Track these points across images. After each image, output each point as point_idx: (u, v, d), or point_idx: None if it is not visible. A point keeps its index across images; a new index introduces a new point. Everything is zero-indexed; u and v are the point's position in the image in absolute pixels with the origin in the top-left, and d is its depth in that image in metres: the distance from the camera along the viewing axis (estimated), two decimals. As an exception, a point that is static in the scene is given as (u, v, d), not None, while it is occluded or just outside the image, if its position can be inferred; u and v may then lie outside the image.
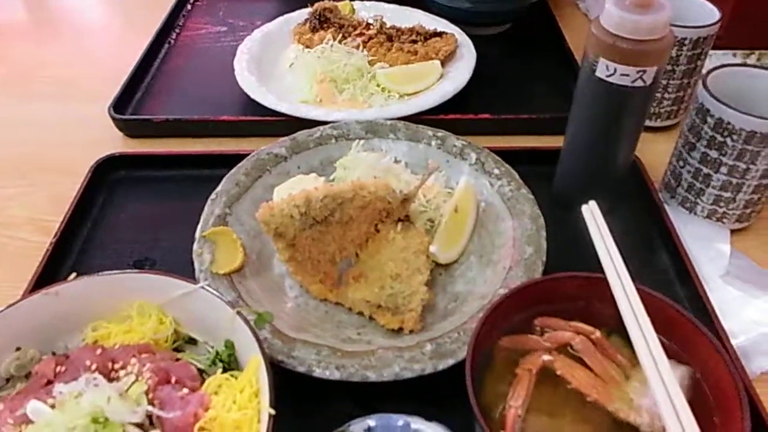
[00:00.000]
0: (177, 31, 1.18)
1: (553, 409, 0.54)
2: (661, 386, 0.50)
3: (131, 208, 0.83)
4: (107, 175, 0.86)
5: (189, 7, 1.27)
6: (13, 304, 0.53)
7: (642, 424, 0.52)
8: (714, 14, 0.85)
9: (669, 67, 0.87)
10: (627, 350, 0.55)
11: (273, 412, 0.45)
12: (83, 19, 1.36)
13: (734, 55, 1.07)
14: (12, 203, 0.85)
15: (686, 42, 0.84)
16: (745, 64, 0.82)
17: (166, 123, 0.93)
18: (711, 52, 1.02)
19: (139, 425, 0.46)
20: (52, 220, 0.80)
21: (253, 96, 0.93)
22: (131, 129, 0.94)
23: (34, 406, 0.45)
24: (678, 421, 0.48)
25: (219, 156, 0.86)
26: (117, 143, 0.94)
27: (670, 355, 0.52)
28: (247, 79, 0.96)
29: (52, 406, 0.46)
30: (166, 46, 1.14)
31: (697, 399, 0.52)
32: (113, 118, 0.93)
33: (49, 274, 0.71)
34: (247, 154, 0.80)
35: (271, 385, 0.47)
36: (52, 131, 0.98)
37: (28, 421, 0.45)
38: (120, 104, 0.96)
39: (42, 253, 0.74)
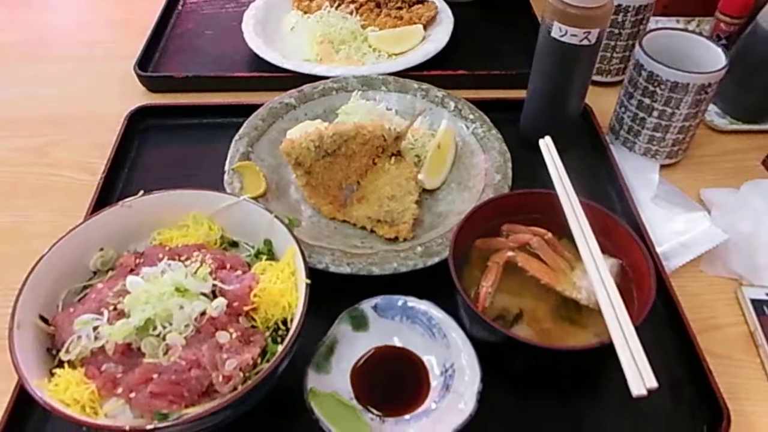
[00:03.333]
0: (183, -2, 1.31)
1: (515, 290, 0.70)
2: (596, 272, 0.66)
3: (162, 151, 0.97)
4: (139, 124, 1.00)
5: (192, -25, 1.39)
6: (97, 213, 0.68)
7: (581, 298, 0.68)
8: (654, -14, 1.01)
9: (616, 31, 1.03)
10: (572, 249, 0.71)
11: (308, 281, 0.61)
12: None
13: (678, 21, 1.23)
14: (56, 148, 0.98)
15: (630, 9, 0.99)
16: (677, 29, 0.98)
17: (186, 79, 1.06)
18: (657, 18, 1.19)
19: (207, 295, 0.61)
20: (94, 162, 0.94)
21: (262, 55, 1.07)
22: (155, 84, 1.07)
23: (131, 279, 0.60)
24: (606, 294, 0.64)
25: (235, 106, 1.00)
26: (139, 97, 1.07)
27: (604, 251, 0.68)
28: (255, 41, 1.09)
29: (141, 284, 0.61)
30: (176, 12, 1.26)
31: (623, 281, 0.69)
32: (139, 75, 1.07)
33: (102, 203, 0.85)
34: (259, 106, 0.93)
35: (305, 265, 0.62)
36: (79, 88, 1.11)
37: (125, 294, 0.60)
38: (142, 63, 1.09)
39: (88, 188, 0.88)
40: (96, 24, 1.30)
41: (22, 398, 0.65)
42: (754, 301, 0.76)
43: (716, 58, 0.87)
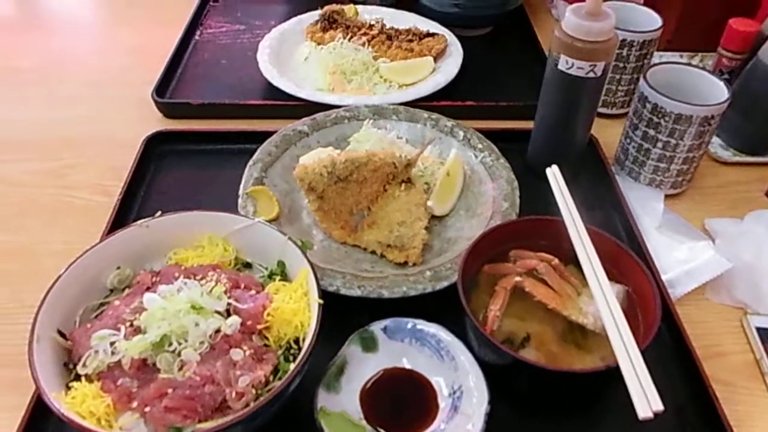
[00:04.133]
0: (201, 28, 1.35)
1: (523, 314, 0.71)
2: (602, 297, 0.68)
3: (178, 175, 0.99)
4: (156, 148, 1.02)
5: (207, 8, 1.43)
6: (116, 232, 0.70)
7: (588, 323, 0.69)
8: (657, 21, 1.04)
9: (621, 65, 1.05)
10: (579, 275, 0.73)
11: (321, 302, 0.62)
12: (107, 17, 1.51)
13: (681, 56, 1.26)
14: (74, 170, 1.00)
15: (634, 44, 1.02)
16: (679, 63, 1.01)
17: (202, 106, 1.09)
18: (662, 53, 1.22)
19: (221, 314, 0.63)
20: (111, 184, 0.96)
21: (276, 84, 1.09)
22: (172, 111, 1.10)
23: (148, 297, 0.61)
24: (613, 319, 0.65)
25: (249, 133, 1.02)
26: (156, 123, 1.09)
27: (610, 277, 0.69)
28: (269, 70, 1.13)
29: (157, 302, 0.63)
30: (193, 41, 1.30)
31: (629, 307, 0.69)
32: (156, 101, 1.10)
33: (118, 224, 0.87)
34: (272, 133, 0.96)
35: (318, 285, 0.64)
36: (97, 113, 1.13)
37: (141, 311, 0.62)
38: (160, 90, 1.12)
39: (104, 210, 0.89)
40: (115, 51, 1.34)
41: (37, 413, 0.66)
42: (759, 330, 0.77)
43: (719, 91, 0.89)
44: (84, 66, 1.28)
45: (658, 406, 0.56)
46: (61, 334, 0.63)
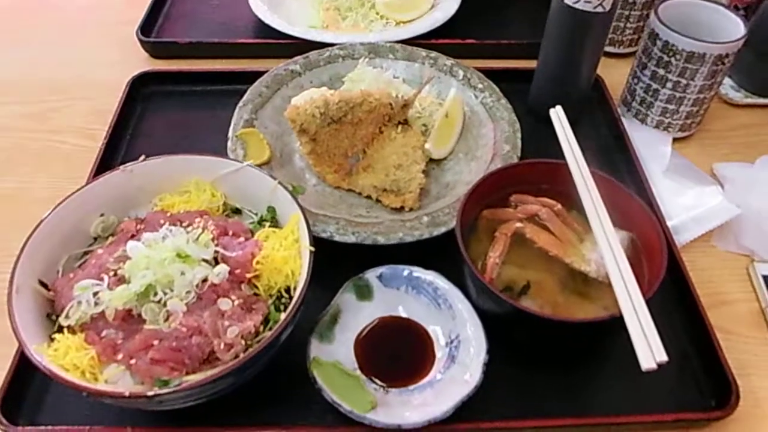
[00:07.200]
0: (187, -36, 1.28)
1: (523, 262, 0.69)
2: (606, 245, 0.65)
3: (165, 118, 0.96)
4: (142, 90, 0.98)
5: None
6: (98, 177, 0.67)
7: (590, 271, 0.67)
8: (670, -47, 0.98)
9: (630, 0, 1.00)
10: (582, 221, 0.70)
11: (312, 249, 0.59)
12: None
13: (693, -9, 1.21)
14: (58, 114, 0.97)
15: (645, -22, 0.97)
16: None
17: (190, 45, 1.05)
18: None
19: (208, 262, 0.60)
20: (96, 128, 0.92)
21: (267, 21, 1.04)
22: (158, 50, 1.06)
23: (132, 245, 0.59)
24: (617, 267, 0.63)
25: (239, 73, 0.98)
26: (142, 63, 1.05)
27: (615, 223, 0.67)
28: (260, 7, 1.07)
29: (142, 249, 0.60)
30: (180, -23, 1.24)
31: (633, 254, 0.67)
32: (141, 41, 1.05)
33: (103, 169, 0.83)
34: (262, 73, 0.91)
35: (309, 232, 0.61)
36: (80, 53, 1.09)
37: (125, 259, 0.59)
38: (145, 28, 1.07)
39: (90, 155, 0.86)
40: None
41: (24, 362, 0.64)
42: (766, 278, 0.75)
43: (734, 27, 0.84)
44: (66, 5, 1.22)
45: (662, 357, 0.54)
46: (43, 284, 0.60)
